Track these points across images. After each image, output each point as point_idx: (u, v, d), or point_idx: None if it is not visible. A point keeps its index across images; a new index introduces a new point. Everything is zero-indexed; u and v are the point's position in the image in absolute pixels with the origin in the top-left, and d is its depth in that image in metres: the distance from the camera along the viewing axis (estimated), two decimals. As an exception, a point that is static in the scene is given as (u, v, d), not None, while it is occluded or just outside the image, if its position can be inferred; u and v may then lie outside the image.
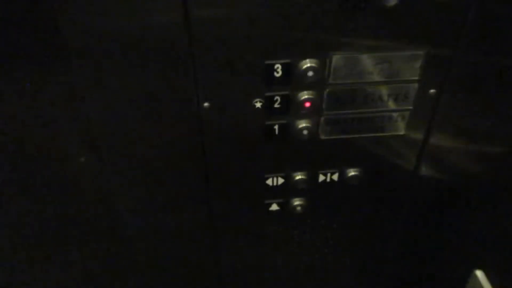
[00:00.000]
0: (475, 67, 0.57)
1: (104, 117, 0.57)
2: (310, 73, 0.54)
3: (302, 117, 0.60)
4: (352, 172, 0.68)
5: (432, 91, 0.59)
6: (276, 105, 0.58)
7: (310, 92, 0.57)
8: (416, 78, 0.57)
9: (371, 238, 0.81)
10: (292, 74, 0.55)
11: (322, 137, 0.63)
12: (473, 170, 0.71)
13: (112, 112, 0.57)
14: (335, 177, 0.68)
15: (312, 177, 0.68)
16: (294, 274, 0.86)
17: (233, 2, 0.49)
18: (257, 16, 0.50)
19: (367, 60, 0.54)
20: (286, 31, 0.51)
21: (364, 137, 0.63)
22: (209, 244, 0.77)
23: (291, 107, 0.58)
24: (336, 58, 0.54)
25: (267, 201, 0.71)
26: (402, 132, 0.63)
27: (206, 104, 0.57)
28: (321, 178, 0.68)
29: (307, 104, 0.58)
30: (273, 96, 0.57)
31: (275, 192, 0.70)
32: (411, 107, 0.60)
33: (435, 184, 0.72)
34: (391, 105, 0.60)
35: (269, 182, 0.68)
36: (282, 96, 0.57)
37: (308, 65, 0.54)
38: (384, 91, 0.58)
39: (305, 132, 0.61)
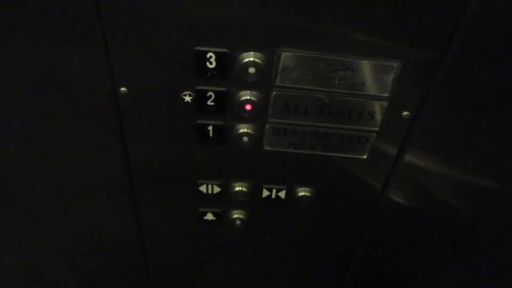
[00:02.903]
0: (462, 84, 0.44)
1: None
2: (252, 70, 0.43)
3: (242, 121, 0.49)
4: (302, 192, 0.57)
5: (405, 113, 0.47)
6: (209, 102, 0.46)
7: (253, 92, 0.46)
8: (386, 95, 0.45)
9: (320, 267, 0.71)
10: (229, 67, 0.43)
11: (267, 148, 0.51)
12: (447, 206, 0.60)
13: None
14: (282, 194, 0.58)
15: (255, 190, 0.57)
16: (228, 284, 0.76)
17: None
18: None
19: (324, 63, 0.42)
20: (223, 10, 0.39)
21: (318, 154, 0.52)
22: (137, 249, 0.67)
23: (229, 108, 0.47)
24: (286, 56, 0.42)
25: (201, 209, 0.61)
26: (364, 156, 0.52)
27: (123, 89, 0.46)
28: (265, 193, 0.58)
29: (248, 107, 0.46)
30: (206, 91, 0.45)
31: (210, 200, 0.59)
32: (377, 129, 0.49)
33: (398, 216, 0.61)
34: (353, 123, 0.48)
35: (202, 189, 0.57)
36: (216, 93, 0.46)
37: (250, 59, 0.42)
38: (345, 105, 0.46)
39: (245, 139, 0.50)
